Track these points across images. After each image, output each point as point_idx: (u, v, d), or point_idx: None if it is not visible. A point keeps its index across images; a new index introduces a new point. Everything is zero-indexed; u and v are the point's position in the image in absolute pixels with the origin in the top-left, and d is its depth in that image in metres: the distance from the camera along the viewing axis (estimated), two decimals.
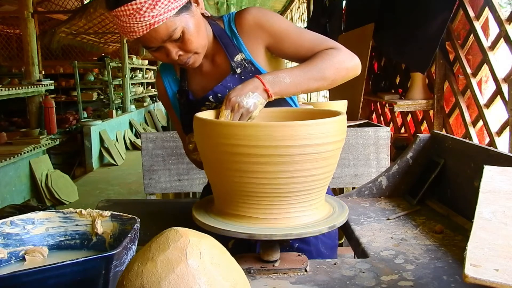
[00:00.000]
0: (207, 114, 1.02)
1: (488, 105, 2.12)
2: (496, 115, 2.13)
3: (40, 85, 5.05)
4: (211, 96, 1.19)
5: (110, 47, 13.30)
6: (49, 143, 5.01)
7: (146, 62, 11.21)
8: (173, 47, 1.07)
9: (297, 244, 1.16)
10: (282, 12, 7.91)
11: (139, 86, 10.87)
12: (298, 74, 1.05)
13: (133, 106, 9.29)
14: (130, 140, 8.23)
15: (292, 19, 7.40)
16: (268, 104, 1.04)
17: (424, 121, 2.73)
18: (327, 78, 1.07)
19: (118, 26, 1.02)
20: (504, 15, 1.97)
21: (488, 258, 0.52)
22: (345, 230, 1.18)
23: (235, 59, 1.18)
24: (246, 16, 1.17)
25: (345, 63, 1.09)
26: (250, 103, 0.98)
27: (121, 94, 9.04)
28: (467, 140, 1.34)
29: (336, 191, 2.32)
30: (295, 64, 1.14)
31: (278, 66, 1.24)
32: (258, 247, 1.08)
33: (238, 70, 1.18)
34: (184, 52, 1.09)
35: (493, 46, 2.07)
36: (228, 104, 0.98)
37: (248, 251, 1.00)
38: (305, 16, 6.04)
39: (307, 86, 1.06)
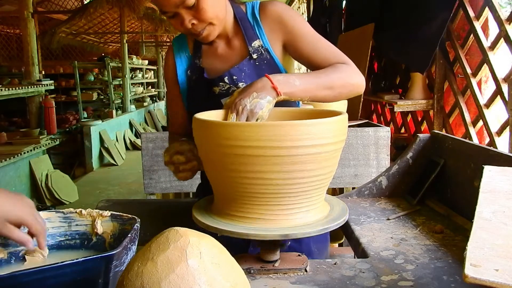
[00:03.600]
0: (207, 115, 1.02)
1: (488, 105, 2.12)
2: (496, 115, 2.13)
3: (40, 85, 5.06)
4: (226, 77, 1.19)
5: (110, 47, 13.30)
6: (49, 143, 5.02)
7: (146, 62, 11.21)
8: (187, 15, 1.08)
9: (289, 242, 1.16)
10: None
11: (139, 86, 10.88)
12: (308, 79, 1.05)
13: (133, 106, 9.30)
14: (130, 140, 8.24)
15: None
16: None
17: (424, 121, 2.73)
18: (334, 89, 1.08)
19: None
20: (504, 15, 1.97)
21: (488, 258, 0.52)
22: (345, 230, 1.18)
23: (252, 44, 1.19)
24: (271, 8, 1.20)
25: (353, 78, 1.11)
26: (253, 104, 0.97)
27: (121, 94, 9.05)
28: (467, 140, 1.34)
29: (336, 191, 2.32)
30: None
31: (289, 66, 1.25)
32: (252, 246, 1.08)
33: (255, 56, 1.19)
34: (198, 22, 1.09)
35: (493, 46, 2.07)
36: (233, 108, 0.97)
37: (244, 250, 0.99)
38: (305, 16, 6.03)
39: (315, 93, 1.06)
